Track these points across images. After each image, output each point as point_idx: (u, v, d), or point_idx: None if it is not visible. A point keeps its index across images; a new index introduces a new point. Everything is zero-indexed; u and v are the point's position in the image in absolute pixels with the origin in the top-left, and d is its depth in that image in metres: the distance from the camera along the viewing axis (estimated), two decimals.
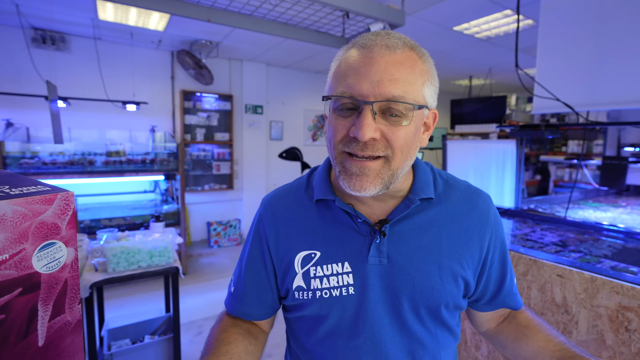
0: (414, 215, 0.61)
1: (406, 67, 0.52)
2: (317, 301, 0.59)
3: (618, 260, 1.46)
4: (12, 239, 0.41)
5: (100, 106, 4.07)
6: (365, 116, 0.51)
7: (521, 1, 2.65)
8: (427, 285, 0.58)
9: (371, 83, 0.51)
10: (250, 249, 0.68)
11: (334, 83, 0.57)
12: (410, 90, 0.52)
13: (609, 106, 1.88)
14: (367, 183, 0.53)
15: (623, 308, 1.06)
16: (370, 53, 0.52)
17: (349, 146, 0.54)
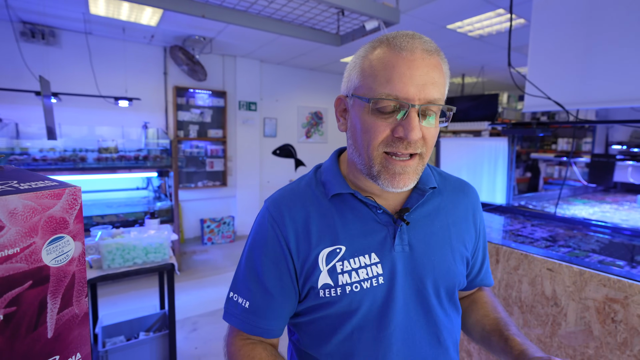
0: (424, 204, 0.65)
1: (439, 70, 0.56)
2: (347, 296, 0.59)
3: (605, 255, 1.50)
4: (23, 233, 0.42)
5: (91, 102, 4.02)
6: (413, 118, 0.53)
7: (514, 0, 2.69)
8: (445, 267, 0.63)
9: (417, 86, 0.53)
10: (264, 255, 0.63)
11: (370, 82, 0.56)
12: (443, 92, 0.57)
13: (598, 105, 1.92)
14: (407, 180, 0.58)
15: (610, 300, 1.09)
16: (413, 56, 0.54)
17: (391, 146, 0.56)
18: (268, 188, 5.72)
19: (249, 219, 5.48)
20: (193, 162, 4.99)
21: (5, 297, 0.40)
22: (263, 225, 0.65)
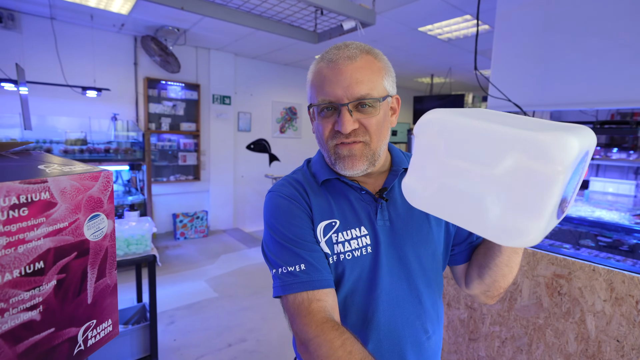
0: (400, 185, 0.76)
1: (366, 69, 0.66)
2: (342, 263, 0.68)
3: (555, 240, 1.70)
4: (70, 210, 0.48)
5: (56, 91, 3.84)
6: (343, 115, 0.65)
7: (482, 6, 2.89)
8: (422, 236, 0.73)
9: (342, 88, 0.65)
10: (293, 224, 0.69)
11: (313, 93, 0.70)
12: (373, 87, 0.66)
13: (552, 107, 2.14)
14: (356, 162, 0.68)
15: (557, 276, 1.27)
16: (337, 65, 0.66)
17: (336, 138, 0.68)
18: (242, 183, 5.71)
19: (223, 214, 5.45)
20: (165, 155, 4.89)
21: (57, 265, 0.46)
22: (281, 204, 0.72)
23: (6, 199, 0.40)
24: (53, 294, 0.46)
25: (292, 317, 0.64)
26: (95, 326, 0.54)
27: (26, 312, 0.43)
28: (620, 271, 1.13)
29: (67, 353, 0.49)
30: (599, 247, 1.63)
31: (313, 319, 0.61)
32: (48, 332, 0.46)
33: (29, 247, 0.43)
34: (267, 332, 2.62)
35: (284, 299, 0.66)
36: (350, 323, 0.71)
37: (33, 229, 0.43)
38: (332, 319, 0.61)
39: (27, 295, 0.43)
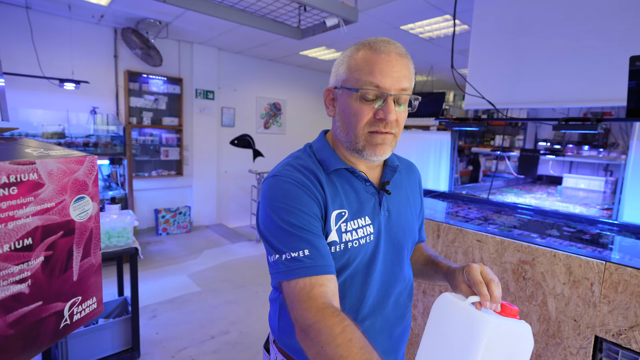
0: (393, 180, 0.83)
1: (408, 68, 0.72)
2: (349, 251, 0.72)
3: (523, 230, 1.80)
4: (57, 191, 0.51)
5: (32, 83, 3.73)
6: (390, 104, 0.69)
7: (458, 8, 2.98)
8: (410, 226, 0.83)
9: (392, 79, 0.69)
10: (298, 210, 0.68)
11: (355, 75, 0.70)
12: (411, 85, 0.73)
13: (524, 105, 2.25)
14: (386, 149, 0.73)
15: (522, 262, 1.36)
16: (389, 57, 0.69)
17: (373, 126, 0.71)
18: (226, 178, 5.69)
19: (206, 209, 5.42)
20: (146, 150, 4.82)
21: (45, 242, 0.49)
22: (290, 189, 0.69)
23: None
24: (41, 269, 0.49)
25: (293, 303, 0.63)
26: (80, 302, 0.57)
27: (15, 284, 0.46)
28: (578, 256, 1.22)
29: (54, 326, 0.52)
30: (564, 236, 1.73)
31: (314, 304, 0.60)
32: (36, 305, 0.49)
33: (18, 224, 0.45)
34: (251, 324, 2.65)
35: (285, 284, 0.65)
36: (349, 303, 0.76)
37: (22, 207, 0.46)
38: (332, 305, 0.61)
39: (17, 269, 0.46)
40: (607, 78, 1.91)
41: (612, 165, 4.87)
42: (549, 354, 1.30)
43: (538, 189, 4.15)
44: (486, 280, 0.64)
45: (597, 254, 1.29)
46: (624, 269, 1.13)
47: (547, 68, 2.13)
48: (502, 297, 1.40)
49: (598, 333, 1.18)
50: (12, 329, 0.46)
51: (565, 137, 5.58)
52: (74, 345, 1.88)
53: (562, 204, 2.96)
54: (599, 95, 1.96)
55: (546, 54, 2.12)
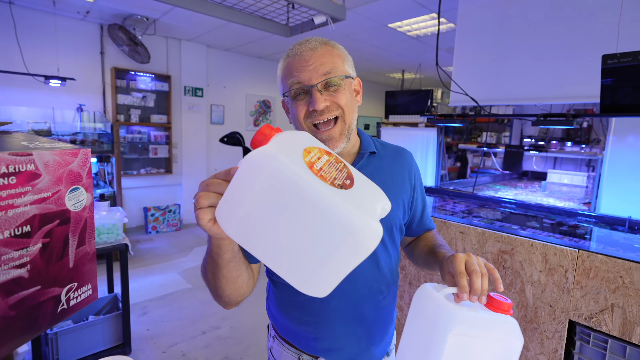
0: (367, 166, 0.85)
1: (327, 55, 0.76)
2: None
3: (505, 222, 1.87)
4: (53, 181, 0.53)
5: (16, 80, 3.67)
6: (314, 94, 0.73)
7: (445, 6, 3.04)
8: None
9: (309, 72, 0.73)
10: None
11: (285, 82, 0.77)
12: (335, 67, 0.75)
13: (506, 102, 2.32)
14: (336, 143, 0.77)
15: (502, 252, 1.42)
16: (302, 56, 0.75)
17: (311, 117, 0.75)
18: None
19: None
20: (134, 148, 4.78)
21: (42, 230, 0.52)
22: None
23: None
24: (39, 255, 0.51)
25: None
26: (76, 288, 0.59)
27: (16, 269, 0.48)
28: (553, 245, 1.29)
29: (52, 310, 0.55)
30: (543, 228, 1.81)
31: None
32: (35, 289, 0.51)
33: (17, 212, 0.48)
34: (241, 319, 2.68)
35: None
36: None
37: (20, 196, 0.48)
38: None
39: (17, 254, 0.48)
40: (585, 75, 1.99)
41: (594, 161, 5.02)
42: (527, 338, 1.36)
43: (524, 184, 4.26)
44: (469, 271, 0.63)
45: (571, 242, 1.36)
46: (595, 256, 1.19)
47: (528, 66, 2.20)
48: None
49: (572, 317, 1.25)
50: (13, 311, 0.48)
51: (548, 133, 5.72)
52: (64, 341, 1.88)
53: (546, 198, 3.06)
54: (577, 92, 2.04)
55: (527, 52, 2.19)
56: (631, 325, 1.13)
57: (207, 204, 0.50)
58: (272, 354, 0.90)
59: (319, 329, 0.80)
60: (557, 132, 5.67)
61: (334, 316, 0.80)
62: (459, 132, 7.56)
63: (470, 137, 7.26)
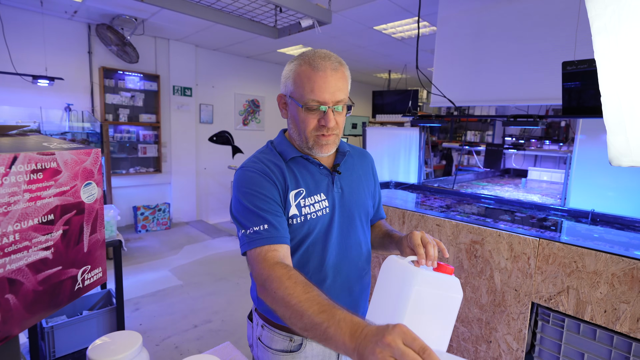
0: (346, 162, 0.99)
1: (343, 80, 0.86)
2: (308, 222, 0.88)
3: (480, 216, 2.01)
4: (71, 177, 0.62)
5: (4, 80, 3.66)
6: (329, 114, 0.85)
7: (427, 10, 3.17)
8: (362, 201, 0.98)
9: (329, 94, 0.84)
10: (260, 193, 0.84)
11: (300, 90, 0.84)
12: (346, 94, 0.87)
13: (482, 103, 2.46)
14: (330, 147, 0.90)
15: (473, 242, 1.54)
16: (325, 74, 0.83)
17: (319, 130, 0.87)
18: (205, 175, 5.72)
19: (185, 206, 5.45)
20: (123, 147, 4.79)
21: (63, 219, 0.61)
22: (253, 177, 0.87)
23: (28, 165, 0.54)
24: (60, 240, 0.60)
25: (252, 266, 0.79)
26: (89, 270, 0.68)
27: (43, 251, 0.57)
28: (517, 234, 1.42)
29: (70, 287, 0.63)
30: (514, 221, 1.95)
31: (267, 263, 0.76)
32: (57, 269, 0.60)
33: (43, 203, 0.56)
34: (232, 313, 2.76)
35: (249, 253, 0.81)
36: (312, 266, 0.91)
37: (46, 189, 0.57)
38: (282, 262, 0.76)
39: (43, 238, 0.57)
40: (553, 79, 2.13)
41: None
42: (496, 320, 1.49)
43: (505, 181, 4.44)
44: (424, 243, 0.78)
45: (533, 232, 1.49)
46: (554, 244, 1.33)
47: (503, 69, 2.34)
48: (457, 275, 1.58)
49: (534, 299, 1.38)
50: (41, 286, 0.57)
51: (527, 132, 5.93)
52: (60, 335, 1.94)
53: (524, 194, 3.22)
54: (547, 95, 2.18)
55: (501, 56, 2.33)
56: (584, 305, 1.26)
57: None
58: (262, 342, 0.97)
59: None
60: (536, 131, 5.89)
61: (328, 293, 0.91)
62: (444, 131, 7.75)
63: (455, 136, 7.45)
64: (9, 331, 0.53)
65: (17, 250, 0.53)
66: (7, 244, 0.52)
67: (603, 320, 1.22)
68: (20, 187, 0.53)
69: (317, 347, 0.95)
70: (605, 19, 0.86)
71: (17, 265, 0.53)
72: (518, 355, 1.43)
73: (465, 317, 1.60)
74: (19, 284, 0.54)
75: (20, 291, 0.54)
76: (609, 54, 0.88)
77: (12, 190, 0.52)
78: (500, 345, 1.48)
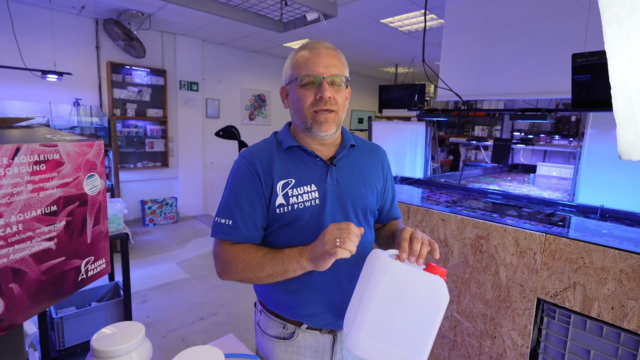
0: (347, 156, 0.98)
1: (337, 58, 0.90)
2: (295, 211, 0.89)
3: (486, 211, 1.99)
4: (74, 169, 0.62)
5: (14, 75, 3.71)
6: (324, 85, 0.86)
7: (435, 3, 3.13)
8: (359, 195, 0.96)
9: (323, 67, 0.87)
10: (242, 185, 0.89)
11: (296, 70, 0.88)
12: (341, 70, 0.90)
13: (490, 97, 2.42)
14: (330, 126, 0.89)
15: (479, 237, 1.53)
16: (318, 51, 0.88)
17: (316, 105, 0.87)
18: (212, 169, 5.76)
19: (192, 200, 5.49)
20: (131, 142, 4.84)
21: (66, 210, 0.61)
22: (241, 167, 0.92)
23: (31, 156, 0.54)
24: (63, 231, 0.61)
25: (214, 250, 0.92)
26: (93, 261, 0.69)
27: (46, 241, 0.58)
28: (524, 230, 1.40)
29: (74, 278, 0.64)
30: (521, 216, 1.92)
31: (223, 251, 0.89)
32: (61, 259, 0.61)
33: (47, 194, 0.57)
34: (238, 306, 2.79)
35: (214, 239, 0.92)
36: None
37: (49, 181, 0.57)
38: (235, 247, 0.87)
39: (47, 229, 0.58)
40: (563, 72, 2.09)
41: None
42: (501, 316, 1.48)
43: (514, 177, 4.38)
44: (411, 238, 0.76)
45: (539, 227, 1.47)
46: (560, 239, 1.31)
47: (511, 62, 2.30)
48: (462, 270, 1.57)
49: (539, 295, 1.37)
50: (44, 276, 0.58)
51: (536, 127, 5.84)
52: (69, 325, 1.98)
53: (533, 189, 3.18)
54: (556, 88, 2.14)
55: (510, 49, 2.29)
56: (590, 301, 1.25)
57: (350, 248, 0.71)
58: (260, 327, 1.02)
59: (302, 297, 0.92)
60: (546, 126, 5.79)
61: (316, 285, 0.91)
62: (452, 125, 7.67)
63: (462, 131, 7.37)
64: (13, 319, 0.54)
65: (20, 240, 0.54)
66: (10, 234, 0.53)
67: (610, 317, 1.21)
68: (23, 178, 0.54)
69: (310, 338, 0.95)
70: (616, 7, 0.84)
71: (20, 255, 0.54)
72: (523, 351, 1.42)
73: (470, 312, 1.59)
74: (23, 273, 0.55)
75: (24, 281, 0.55)
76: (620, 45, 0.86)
77: (15, 181, 0.53)
78: (505, 341, 1.47)
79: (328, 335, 0.96)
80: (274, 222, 0.91)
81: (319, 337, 0.95)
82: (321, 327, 0.95)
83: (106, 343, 0.71)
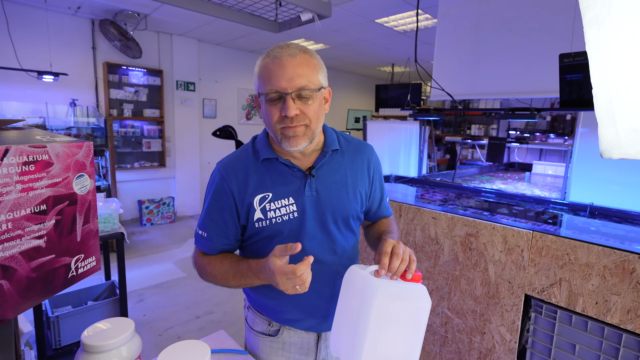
0: (328, 163, 0.93)
1: (304, 65, 0.80)
2: (273, 225, 0.87)
3: (478, 209, 2.01)
4: (63, 169, 0.64)
5: (10, 75, 3.72)
6: (288, 102, 0.79)
7: (428, 3, 3.15)
8: (341, 204, 0.92)
9: (286, 80, 0.78)
10: (215, 200, 0.89)
11: (261, 83, 0.82)
12: (310, 80, 0.80)
13: (481, 96, 2.44)
14: (299, 140, 0.83)
15: (468, 235, 1.55)
16: (281, 61, 0.79)
17: (283, 122, 0.81)
18: (209, 169, 5.77)
19: (189, 200, 5.50)
20: (128, 142, 4.85)
21: (55, 209, 0.63)
22: (215, 181, 0.91)
23: (20, 157, 0.56)
24: (53, 229, 0.63)
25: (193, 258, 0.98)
26: (83, 259, 0.71)
27: (35, 239, 0.60)
28: (511, 227, 1.43)
29: (64, 275, 0.66)
30: (512, 214, 1.95)
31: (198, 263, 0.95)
32: (50, 257, 0.63)
33: (36, 194, 0.59)
34: (234, 305, 2.81)
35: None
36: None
37: (38, 181, 0.59)
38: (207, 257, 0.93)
39: (36, 227, 0.60)
40: (553, 72, 2.11)
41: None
42: (490, 312, 1.51)
43: (509, 175, 4.41)
44: (392, 254, 0.75)
45: (527, 225, 1.50)
46: (547, 237, 1.33)
47: (502, 62, 2.33)
48: (452, 267, 1.60)
49: (527, 291, 1.39)
50: (34, 273, 0.60)
51: (531, 126, 5.87)
52: (65, 324, 1.99)
53: (527, 188, 3.21)
54: (548, 87, 2.17)
55: (501, 49, 2.31)
56: (575, 297, 1.27)
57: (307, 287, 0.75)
58: (247, 322, 1.04)
59: (283, 303, 0.93)
60: (541, 125, 5.83)
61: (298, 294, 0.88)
62: (448, 124, 7.70)
63: (459, 130, 7.40)
64: (3, 315, 0.56)
65: (10, 238, 0.56)
66: (0, 233, 0.54)
67: (594, 312, 1.23)
68: (13, 179, 0.55)
69: (295, 335, 0.97)
70: (595, 10, 0.86)
71: (10, 253, 0.56)
72: (511, 346, 1.45)
73: (460, 308, 1.61)
74: (13, 270, 0.57)
75: (13, 277, 0.57)
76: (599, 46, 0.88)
77: (4, 181, 0.54)
78: (494, 337, 1.50)
79: (312, 334, 0.98)
80: (254, 234, 0.90)
81: (304, 335, 0.97)
82: (304, 329, 0.96)
83: (96, 338, 0.73)
